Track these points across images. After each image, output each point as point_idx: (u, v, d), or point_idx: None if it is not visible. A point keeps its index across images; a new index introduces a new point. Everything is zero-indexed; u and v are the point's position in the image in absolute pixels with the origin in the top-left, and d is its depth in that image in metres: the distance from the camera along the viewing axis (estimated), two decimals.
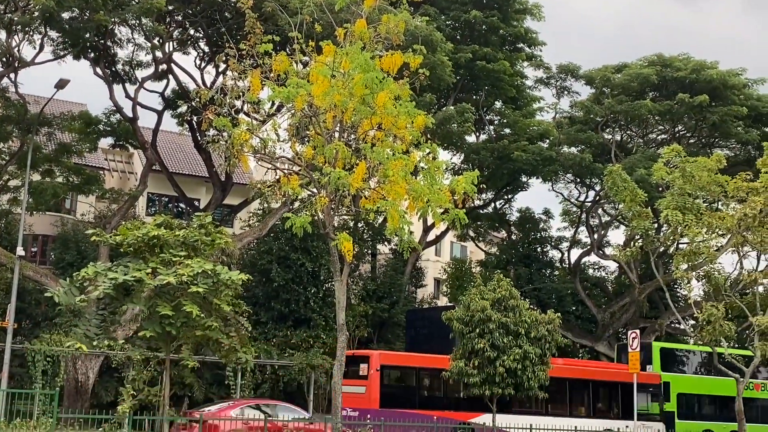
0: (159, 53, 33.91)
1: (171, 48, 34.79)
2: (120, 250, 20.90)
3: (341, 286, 20.62)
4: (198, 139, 35.49)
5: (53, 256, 38.28)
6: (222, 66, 32.42)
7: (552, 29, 74.98)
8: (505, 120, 41.24)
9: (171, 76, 35.65)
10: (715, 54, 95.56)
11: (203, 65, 36.20)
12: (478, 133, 41.76)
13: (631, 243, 37.22)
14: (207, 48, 35.66)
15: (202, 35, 35.08)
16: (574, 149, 42.32)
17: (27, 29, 30.04)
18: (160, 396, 20.79)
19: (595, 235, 45.23)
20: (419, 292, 46.33)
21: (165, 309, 18.93)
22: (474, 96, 39.42)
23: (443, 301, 47.58)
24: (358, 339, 37.14)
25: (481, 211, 45.48)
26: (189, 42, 35.57)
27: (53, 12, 27.88)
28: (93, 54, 32.77)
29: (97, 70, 33.43)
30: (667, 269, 38.77)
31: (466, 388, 25.73)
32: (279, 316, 35.62)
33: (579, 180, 43.80)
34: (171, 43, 34.60)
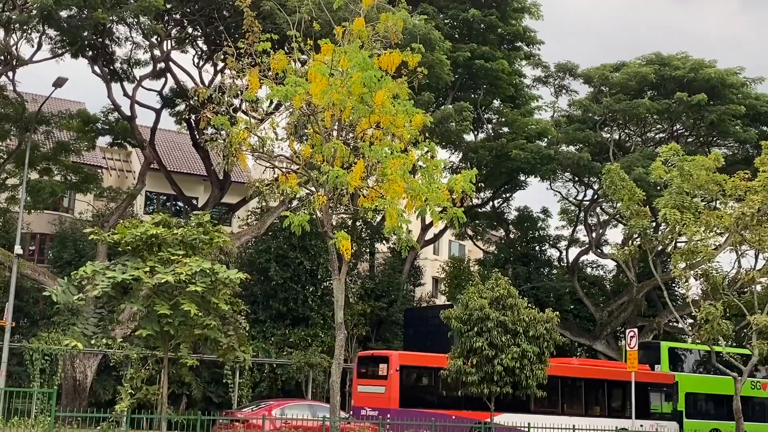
0: (157, 52, 33.91)
1: (169, 46, 34.79)
2: (118, 248, 20.89)
3: (339, 284, 20.60)
4: (196, 138, 35.47)
5: (51, 254, 38.29)
6: (220, 64, 32.56)
7: (550, 28, 75.07)
8: (504, 119, 41.21)
9: (169, 74, 35.67)
10: (714, 53, 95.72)
11: (201, 64, 36.24)
12: (476, 132, 41.72)
13: (630, 242, 37.23)
14: (205, 46, 35.67)
15: (200, 34, 35.05)
16: (572, 148, 42.37)
17: (25, 27, 29.98)
18: (158, 394, 20.78)
19: (594, 234, 45.23)
20: (417, 290, 46.33)
21: (163, 308, 18.90)
22: (472, 95, 39.38)
23: (441, 300, 47.59)
24: (356, 338, 37.14)
25: (480, 210, 45.50)
26: (187, 40, 35.54)
27: (51, 10, 27.86)
28: (91, 52, 32.75)
29: (95, 68, 33.42)
30: (666, 268, 38.83)
31: (464, 386, 25.73)
32: (277, 314, 35.63)
33: (577, 179, 43.82)
34: (169, 42, 34.59)
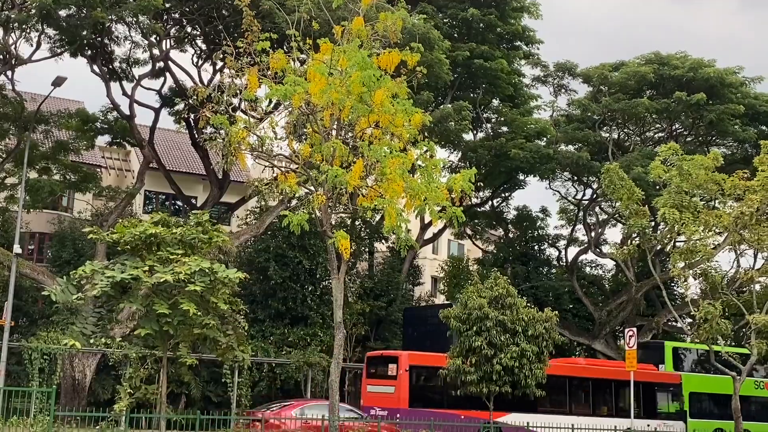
0: (156, 51, 33.91)
1: (168, 46, 34.80)
2: (117, 248, 20.87)
3: (338, 283, 20.61)
4: (195, 137, 35.47)
5: (50, 253, 38.27)
6: (219, 64, 32.54)
7: (549, 27, 74.97)
8: (503, 118, 41.21)
9: (168, 73, 35.68)
10: (713, 52, 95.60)
11: (200, 63, 36.24)
12: (475, 131, 41.73)
13: (628, 241, 37.20)
14: (204, 46, 35.66)
15: (199, 33, 35.05)
16: (571, 147, 42.35)
17: (24, 26, 29.98)
18: (157, 394, 20.75)
19: (592, 233, 45.22)
20: (416, 290, 46.33)
21: (162, 307, 18.89)
22: (471, 94, 39.37)
23: (440, 299, 47.61)
24: (355, 337, 37.13)
25: (479, 209, 45.52)
26: (186, 40, 35.53)
27: (50, 9, 27.85)
28: (90, 51, 32.74)
29: (94, 67, 33.41)
30: (664, 267, 38.86)
31: (463, 386, 25.75)
32: (276, 314, 35.63)
33: (576, 178, 43.82)
34: (168, 41, 34.59)
